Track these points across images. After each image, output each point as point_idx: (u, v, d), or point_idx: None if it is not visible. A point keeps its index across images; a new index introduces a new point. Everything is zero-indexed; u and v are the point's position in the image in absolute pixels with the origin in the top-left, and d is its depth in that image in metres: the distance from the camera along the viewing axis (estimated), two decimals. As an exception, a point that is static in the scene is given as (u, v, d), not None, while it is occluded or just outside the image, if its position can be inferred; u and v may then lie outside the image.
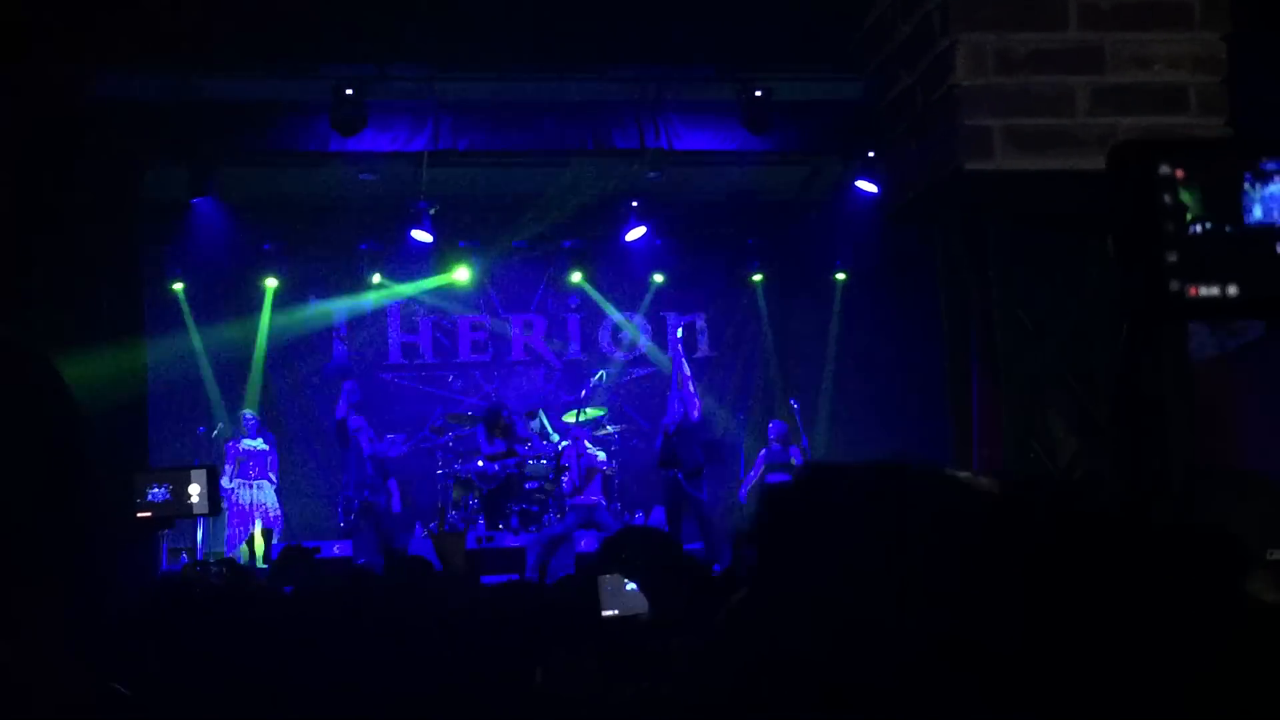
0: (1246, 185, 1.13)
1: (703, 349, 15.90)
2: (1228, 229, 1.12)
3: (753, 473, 13.67)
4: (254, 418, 13.28)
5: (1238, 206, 1.13)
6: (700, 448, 12.94)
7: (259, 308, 14.77)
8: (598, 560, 4.77)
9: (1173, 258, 1.11)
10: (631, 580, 3.79)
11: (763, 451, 13.64)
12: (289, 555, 7.17)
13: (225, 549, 12.61)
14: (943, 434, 6.01)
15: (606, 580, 3.81)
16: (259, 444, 12.99)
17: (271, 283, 14.70)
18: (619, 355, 15.83)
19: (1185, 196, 1.14)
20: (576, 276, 15.45)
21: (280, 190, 13.53)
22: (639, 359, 15.82)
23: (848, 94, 10.47)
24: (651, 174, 12.86)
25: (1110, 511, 1.01)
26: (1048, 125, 4.32)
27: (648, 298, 15.71)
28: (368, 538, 12.66)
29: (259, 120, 11.59)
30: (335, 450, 13.58)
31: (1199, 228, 1.15)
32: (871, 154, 12.12)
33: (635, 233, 14.50)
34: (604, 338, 15.83)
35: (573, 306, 15.81)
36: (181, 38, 9.38)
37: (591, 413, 14.31)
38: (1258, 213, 1.11)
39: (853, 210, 13.38)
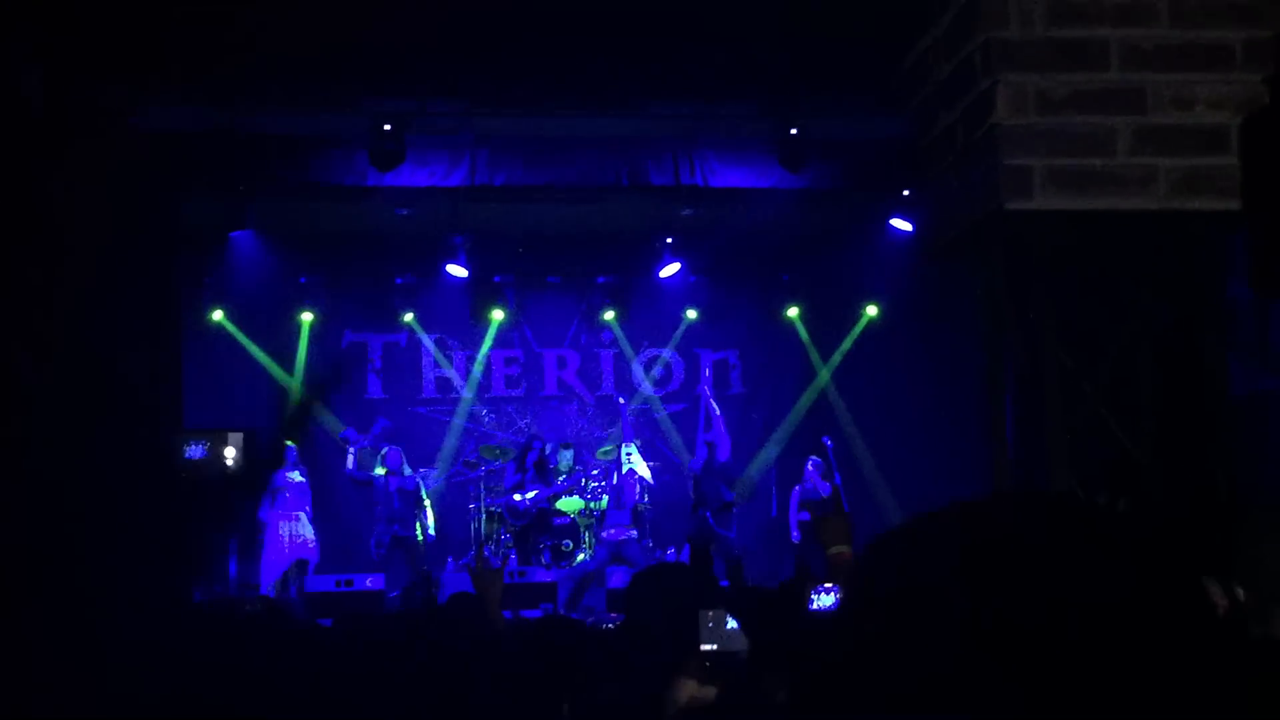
0: None
1: (735, 385, 15.90)
2: None
3: (790, 513, 13.64)
4: (293, 449, 13.31)
5: None
6: (727, 486, 12.95)
7: (295, 340, 14.85)
8: (626, 596, 4.76)
9: None
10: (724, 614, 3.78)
11: (795, 489, 13.61)
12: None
13: (260, 581, 12.63)
14: (978, 471, 5.99)
15: (708, 615, 3.81)
16: (296, 476, 13.03)
17: (307, 316, 14.79)
18: (652, 391, 15.83)
19: None
20: (610, 314, 15.46)
21: (317, 224, 13.62)
22: (672, 395, 15.81)
23: (884, 132, 10.47)
24: (686, 210, 12.89)
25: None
26: (1088, 165, 4.32)
27: (680, 333, 15.71)
28: (400, 571, 12.67)
29: (298, 154, 11.68)
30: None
31: None
32: (907, 192, 12.13)
33: (669, 269, 14.54)
34: (637, 373, 15.84)
35: (606, 342, 15.84)
36: (223, 70, 9.49)
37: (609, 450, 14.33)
38: None
39: (888, 248, 13.39)
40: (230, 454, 7.81)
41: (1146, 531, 1.04)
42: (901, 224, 12.79)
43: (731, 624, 3.71)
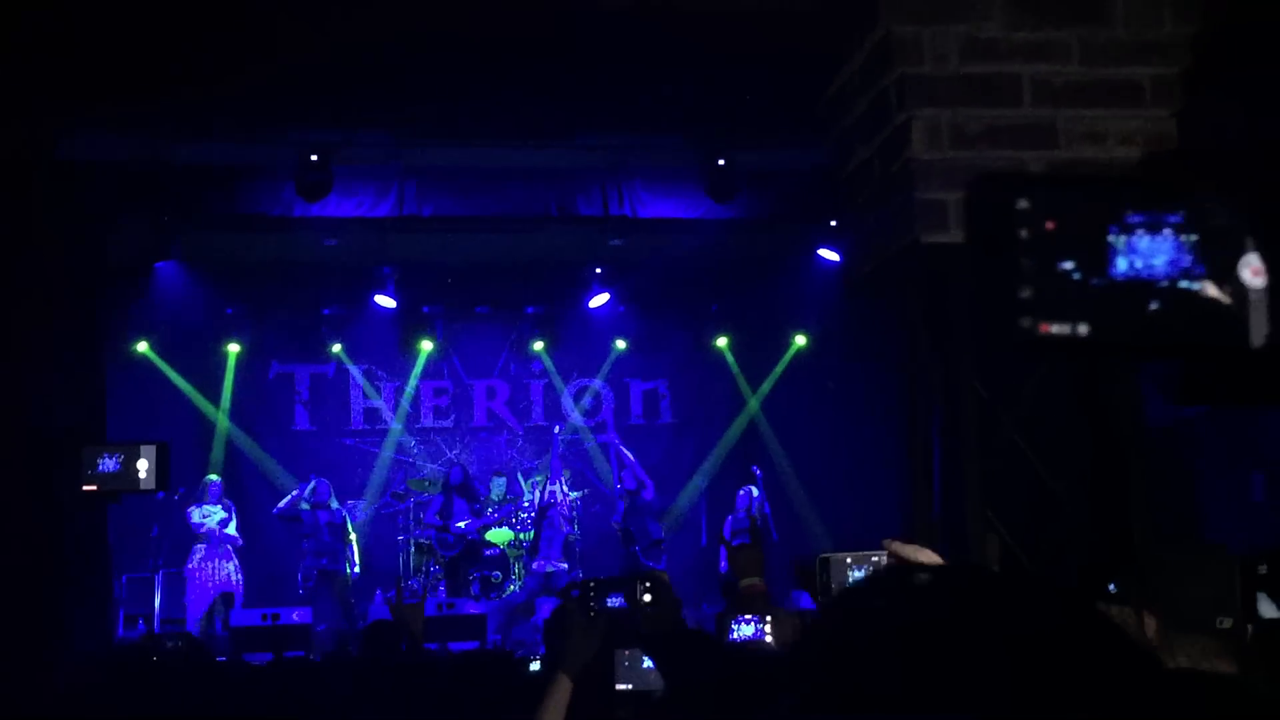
0: (1111, 236, 1.17)
1: (665, 415, 15.92)
2: (1085, 270, 1.16)
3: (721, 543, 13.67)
4: (218, 483, 13.16)
5: (1102, 251, 1.16)
6: (654, 520, 12.98)
7: (221, 371, 14.71)
8: (545, 629, 4.74)
9: (1026, 294, 1.14)
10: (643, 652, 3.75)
11: (729, 519, 13.65)
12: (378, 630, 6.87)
13: (186, 615, 12.47)
14: (907, 500, 6.03)
15: (624, 655, 3.78)
16: (219, 511, 12.87)
17: (234, 347, 14.67)
18: (582, 421, 15.81)
19: (1042, 233, 1.17)
20: (539, 344, 15.45)
21: (244, 254, 13.52)
22: (601, 425, 15.80)
23: (811, 162, 10.55)
24: (615, 241, 12.93)
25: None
26: (1003, 199, 4.40)
27: (609, 363, 15.72)
28: (326, 604, 12.56)
29: (224, 184, 11.58)
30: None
31: (1061, 269, 1.19)
32: (835, 222, 12.23)
33: (599, 299, 14.58)
34: (567, 403, 15.82)
35: (536, 372, 15.82)
36: (149, 101, 9.42)
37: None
38: (1121, 264, 1.14)
39: (816, 277, 13.49)
40: (143, 466, 7.69)
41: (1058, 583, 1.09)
42: (829, 254, 12.88)
43: (647, 663, 3.70)
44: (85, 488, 7.71)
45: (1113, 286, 1.15)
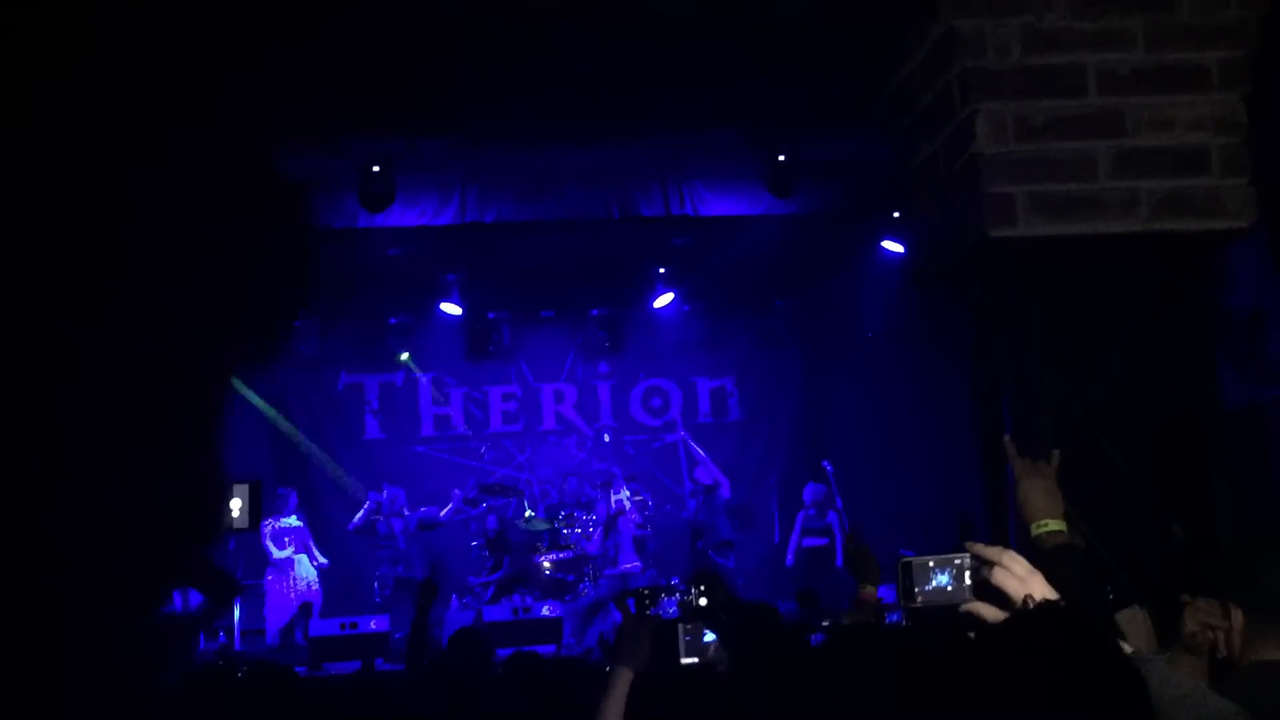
0: None
1: (733, 412, 15.90)
2: None
3: (793, 537, 13.61)
4: (293, 493, 13.26)
5: None
6: (726, 518, 12.96)
7: (293, 384, 14.85)
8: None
9: None
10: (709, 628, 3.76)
11: (800, 514, 13.60)
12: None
13: (265, 627, 12.60)
14: (976, 495, 5.98)
15: (686, 628, 3.79)
16: (294, 520, 12.99)
17: (301, 357, 14.78)
18: (651, 422, 15.81)
19: None
20: (605, 346, 15.47)
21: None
22: (670, 424, 15.80)
23: (872, 153, 10.48)
24: (677, 240, 12.91)
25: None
26: (1070, 190, 4.35)
27: (677, 363, 15.71)
28: (404, 612, 12.62)
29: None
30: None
31: None
32: (897, 214, 12.13)
33: (663, 299, 14.57)
34: (635, 405, 15.83)
35: (603, 374, 15.83)
36: (207, 115, 9.49)
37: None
38: None
39: (881, 270, 13.40)
40: (236, 505, 7.76)
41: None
42: (893, 246, 12.80)
43: (710, 637, 3.69)
44: None
45: None
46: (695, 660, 3.75)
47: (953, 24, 4.37)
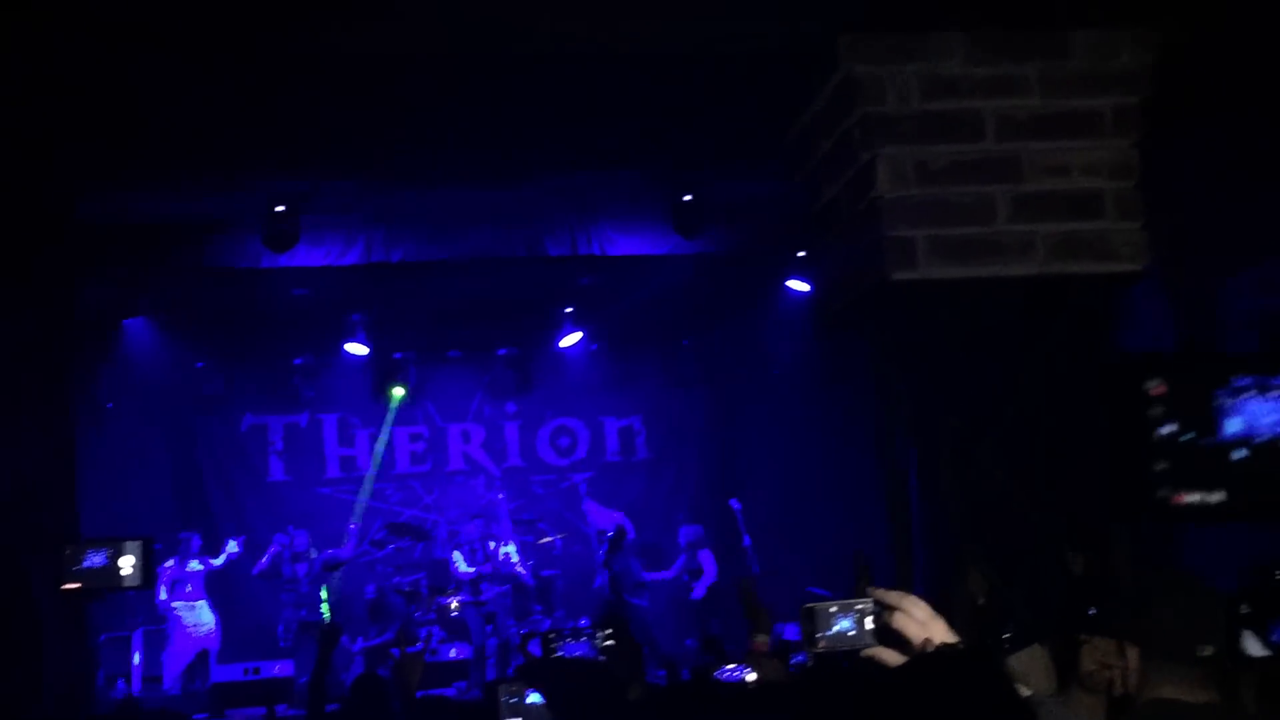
0: (1220, 399, 1.22)
1: (641, 451, 15.91)
2: (1205, 441, 1.21)
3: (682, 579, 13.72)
4: (194, 536, 13.06)
5: (1213, 419, 1.22)
6: (637, 559, 12.96)
7: (194, 426, 14.64)
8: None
9: (1160, 466, 1.19)
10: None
11: (680, 558, 13.70)
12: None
13: (163, 673, 12.36)
14: (881, 531, 6.03)
15: (508, 690, 3.73)
16: (196, 565, 12.78)
17: (205, 398, 14.59)
18: (559, 461, 15.78)
19: (1167, 410, 1.22)
20: (512, 386, 15.42)
21: (212, 308, 13.44)
22: (578, 464, 15.77)
23: (778, 194, 10.56)
24: (584, 280, 12.91)
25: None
26: (969, 234, 4.41)
27: (584, 402, 15.70)
28: (309, 656, 12.45)
29: (190, 239, 11.49)
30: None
31: (1181, 438, 1.25)
32: (802, 254, 12.23)
33: (570, 338, 14.57)
34: (543, 444, 15.79)
35: (510, 414, 15.78)
36: (107, 156, 9.35)
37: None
38: (1233, 425, 1.20)
39: (788, 309, 13.50)
40: (128, 562, 7.64)
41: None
42: (798, 284, 12.89)
43: (535, 698, 3.64)
44: (67, 586, 7.65)
45: (1231, 452, 1.21)
46: None
47: (852, 70, 4.44)
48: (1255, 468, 1.25)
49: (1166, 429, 1.34)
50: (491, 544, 13.14)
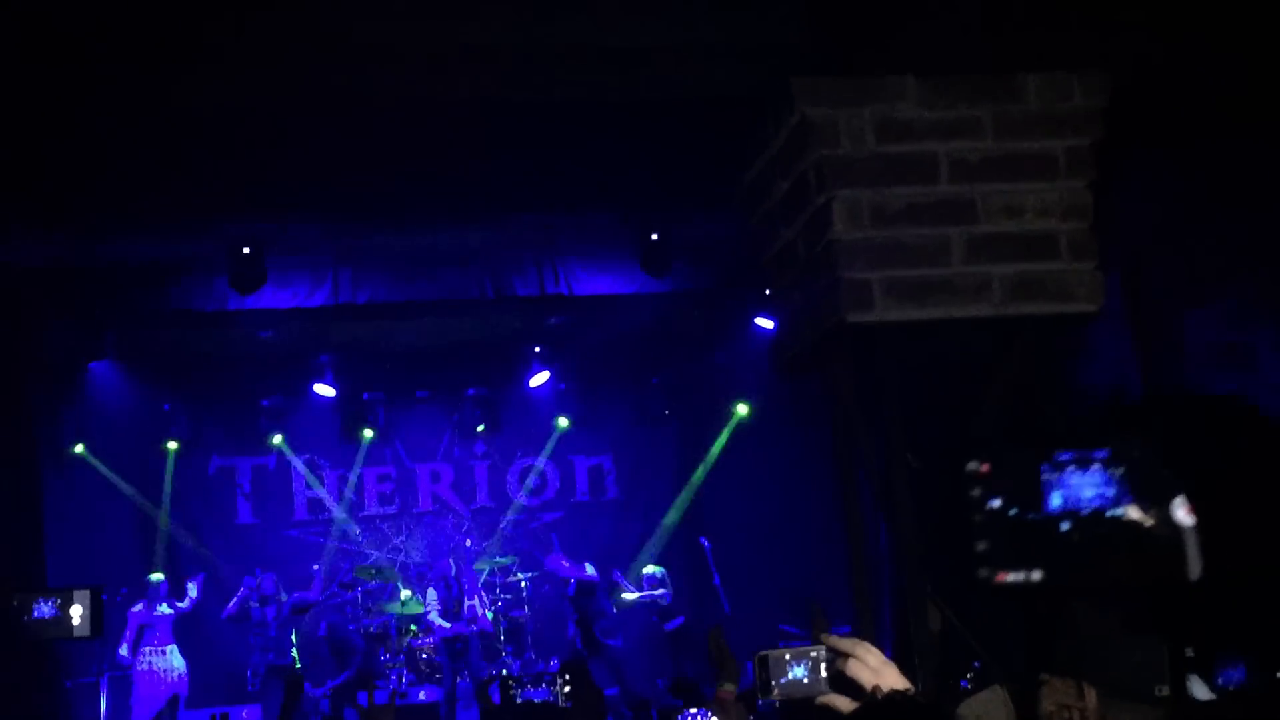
0: (1045, 474, 1.24)
1: (610, 490, 15.89)
2: (1030, 516, 1.23)
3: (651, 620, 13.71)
4: (164, 582, 12.97)
5: (1038, 494, 1.24)
6: (607, 598, 12.94)
7: (160, 468, 14.56)
8: None
9: (982, 546, 1.21)
10: None
11: (663, 593, 13.68)
12: None
13: (133, 718, 12.25)
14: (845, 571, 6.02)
15: None
16: (164, 609, 12.69)
17: (173, 444, 14.51)
18: (528, 501, 15.75)
19: (991, 488, 1.25)
20: (481, 426, 15.40)
21: (179, 350, 13.41)
22: (548, 503, 15.74)
23: (745, 232, 10.57)
24: (552, 319, 12.93)
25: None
26: (925, 275, 4.42)
27: (552, 441, 15.68)
28: (277, 700, 12.36)
29: (156, 281, 11.45)
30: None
31: (1006, 514, 1.26)
32: (769, 291, 12.24)
33: (539, 378, 14.58)
34: (512, 483, 15.76)
35: (479, 454, 15.75)
36: (75, 199, 9.33)
37: (501, 560, 14.25)
38: (1056, 500, 1.22)
39: (754, 345, 13.53)
40: (77, 612, 7.60)
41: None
42: (765, 322, 12.93)
43: None
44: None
45: (1055, 528, 1.23)
46: None
47: (806, 113, 4.45)
48: (1077, 542, 1.29)
49: (990, 506, 1.37)
50: (457, 596, 13.10)
